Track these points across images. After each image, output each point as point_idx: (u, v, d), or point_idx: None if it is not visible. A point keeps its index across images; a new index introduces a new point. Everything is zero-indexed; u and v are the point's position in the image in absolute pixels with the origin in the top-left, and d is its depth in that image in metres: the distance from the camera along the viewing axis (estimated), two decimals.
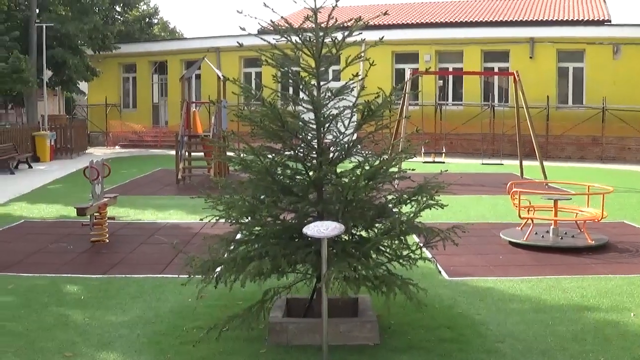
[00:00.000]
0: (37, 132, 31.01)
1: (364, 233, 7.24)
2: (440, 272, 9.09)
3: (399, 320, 7.60)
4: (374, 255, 7.04)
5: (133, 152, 35.73)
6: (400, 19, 38.00)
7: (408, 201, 7.16)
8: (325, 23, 6.97)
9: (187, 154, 23.29)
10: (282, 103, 7.58)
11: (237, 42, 8.82)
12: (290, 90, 8.08)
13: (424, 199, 7.08)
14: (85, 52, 38.01)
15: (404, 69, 34.48)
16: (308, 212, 7.11)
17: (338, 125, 7.29)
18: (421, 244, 7.31)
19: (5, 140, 27.38)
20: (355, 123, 7.22)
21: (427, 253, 9.18)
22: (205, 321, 7.59)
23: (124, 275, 10.10)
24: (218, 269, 7.03)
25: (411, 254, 7.12)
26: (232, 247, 7.11)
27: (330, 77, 7.67)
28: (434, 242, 7.17)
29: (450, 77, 34.99)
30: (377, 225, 7.10)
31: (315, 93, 7.17)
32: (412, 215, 7.06)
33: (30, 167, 28.04)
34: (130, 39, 44.86)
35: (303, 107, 7.23)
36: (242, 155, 7.12)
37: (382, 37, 7.16)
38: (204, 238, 7.72)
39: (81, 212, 12.07)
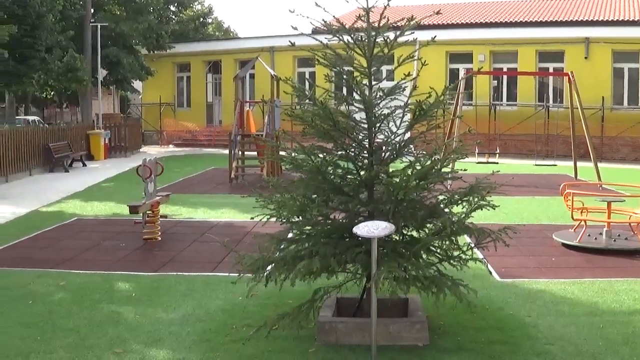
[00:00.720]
0: (92, 131, 31.45)
1: (414, 233, 7.21)
2: (491, 273, 8.99)
3: (449, 321, 7.56)
4: (424, 256, 7.02)
5: (186, 151, 36.05)
6: (455, 18, 37.71)
7: (459, 202, 7.11)
8: (377, 22, 6.95)
9: (240, 153, 23.43)
10: (335, 103, 7.58)
11: (290, 42, 8.85)
12: (344, 90, 8.05)
13: (476, 199, 7.02)
14: (139, 51, 38.46)
15: (458, 69, 34.30)
16: (359, 212, 7.11)
17: (390, 125, 7.27)
18: (472, 245, 7.25)
19: (60, 139, 27.80)
20: (407, 123, 7.18)
21: (478, 254, 9.12)
22: (255, 320, 7.63)
23: (175, 273, 10.20)
24: (268, 267, 7.06)
25: (462, 255, 7.07)
26: (282, 246, 7.13)
27: (384, 76, 7.67)
28: (485, 242, 7.11)
29: (505, 77, 34.66)
30: (428, 225, 7.06)
31: (367, 92, 7.16)
32: (463, 215, 7.02)
33: (84, 165, 28.47)
34: (185, 38, 45.26)
35: (355, 106, 7.22)
36: (293, 154, 7.14)
37: (435, 37, 7.12)
38: (254, 237, 7.77)
39: (134, 210, 12.23)
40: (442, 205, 7.06)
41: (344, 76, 7.28)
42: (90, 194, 19.83)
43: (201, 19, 51.93)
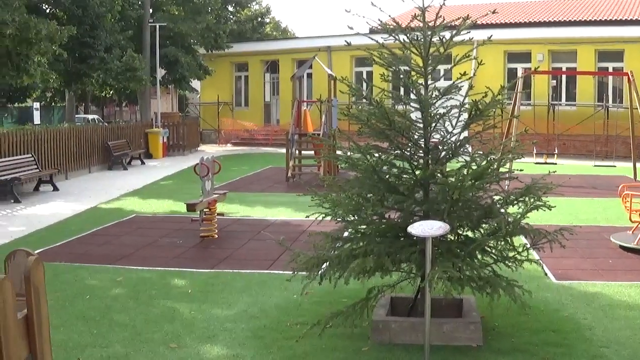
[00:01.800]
0: (150, 129, 31.84)
1: (470, 233, 7.18)
2: (547, 274, 8.89)
3: (503, 322, 7.51)
4: (479, 256, 6.98)
5: (244, 150, 36.28)
6: (513, 18, 37.34)
7: (515, 202, 7.06)
8: (433, 22, 6.94)
9: (297, 152, 23.52)
10: (393, 102, 7.57)
11: (346, 41, 8.87)
12: (401, 90, 8.03)
13: (532, 200, 6.96)
14: (198, 51, 38.84)
15: (516, 69, 33.96)
16: (414, 211, 7.10)
17: (446, 125, 7.25)
18: (528, 246, 7.19)
19: (119, 137, 28.22)
20: (463, 122, 7.16)
21: (535, 255, 9.05)
22: (309, 317, 7.66)
23: (231, 270, 10.29)
24: (323, 266, 7.09)
25: (517, 256, 7.02)
26: (337, 245, 7.15)
27: (442, 74, 7.66)
28: (540, 244, 7.04)
29: (564, 76, 34.20)
30: (483, 225, 7.02)
31: (422, 92, 7.15)
32: (519, 216, 6.96)
33: (143, 163, 28.86)
34: (243, 38, 45.58)
35: (412, 106, 7.21)
36: (348, 153, 7.16)
37: (491, 36, 7.08)
38: (309, 235, 7.81)
39: (191, 207, 12.36)
40: (497, 206, 7.01)
41: (400, 75, 7.27)
42: (148, 191, 20.10)
43: (259, 19, 52.26)
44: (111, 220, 14.83)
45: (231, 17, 46.27)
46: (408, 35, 7.07)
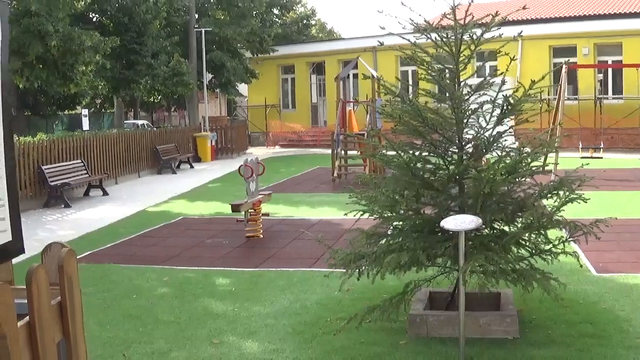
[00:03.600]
0: (198, 133, 32.24)
1: (506, 227, 7.24)
2: (582, 266, 8.86)
3: (541, 315, 7.55)
4: (514, 249, 7.04)
5: (292, 152, 36.53)
6: (558, 12, 37.06)
7: (549, 195, 7.11)
8: (463, 19, 7.02)
9: (342, 152, 23.66)
10: (434, 100, 7.66)
11: (378, 42, 8.98)
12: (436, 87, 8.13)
13: (566, 193, 7.01)
14: (244, 55, 39.21)
15: (561, 63, 33.73)
16: (448, 206, 7.19)
17: (479, 120, 7.32)
18: (565, 239, 7.21)
19: (168, 141, 28.64)
20: (496, 118, 7.22)
21: (577, 248, 9.08)
22: (349, 313, 7.74)
23: (274, 269, 10.45)
24: (360, 262, 7.21)
25: (553, 249, 7.07)
26: (373, 241, 7.27)
27: (487, 72, 7.75)
28: (576, 236, 7.07)
29: (610, 70, 33.83)
30: (518, 219, 7.08)
31: (455, 89, 7.24)
32: (553, 209, 7.01)
33: (191, 166, 29.25)
34: (288, 40, 45.88)
35: (445, 104, 7.30)
36: (383, 151, 7.29)
37: (521, 32, 7.14)
38: (347, 232, 7.94)
39: (236, 208, 12.57)
40: (531, 199, 7.06)
41: (433, 73, 7.36)
42: (196, 194, 20.41)
43: (304, 21, 52.53)
44: (159, 223, 15.12)
45: (277, 20, 46.55)
46: (439, 33, 7.15)
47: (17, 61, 19.67)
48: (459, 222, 6.29)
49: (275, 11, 45.15)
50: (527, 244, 7.04)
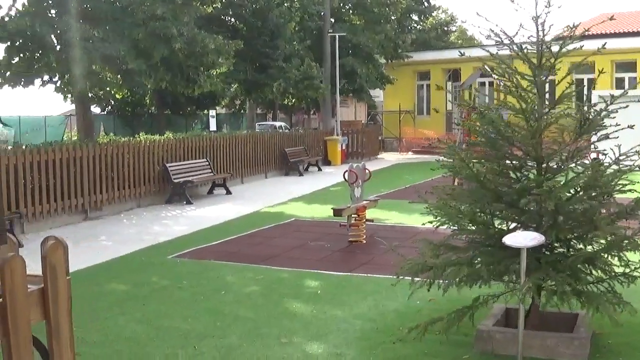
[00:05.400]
0: (329, 137, 32.58)
1: (581, 246, 7.04)
2: None
3: (617, 339, 7.26)
4: (589, 270, 6.85)
5: (424, 158, 36.30)
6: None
7: (627, 215, 6.87)
8: (543, 32, 6.90)
9: None
10: (512, 112, 7.55)
11: (459, 52, 8.89)
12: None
13: None
14: (378, 60, 39.37)
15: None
16: (519, 221, 7.07)
17: (564, 135, 7.16)
18: None
19: (297, 144, 29.09)
20: (575, 133, 7.04)
21: None
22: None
23: (364, 275, 10.51)
24: (429, 273, 7.19)
25: (634, 272, 6.83)
26: (441, 252, 7.24)
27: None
28: None
29: None
30: (590, 238, 6.88)
31: (535, 101, 7.11)
32: (637, 231, 6.77)
33: (319, 169, 29.60)
34: (427, 46, 45.74)
35: (521, 116, 7.18)
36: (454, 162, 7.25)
37: (605, 44, 6.92)
38: (415, 241, 7.94)
39: (338, 213, 12.71)
40: (606, 219, 6.84)
41: (513, 86, 7.25)
42: (315, 196, 20.68)
43: (443, 28, 52.23)
44: (270, 223, 15.44)
45: (415, 25, 46.50)
46: (520, 45, 7.06)
47: (143, 63, 20.49)
48: (521, 239, 6.19)
49: (415, 17, 45.10)
50: (601, 265, 6.82)
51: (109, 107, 42.29)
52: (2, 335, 2.92)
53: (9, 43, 20.22)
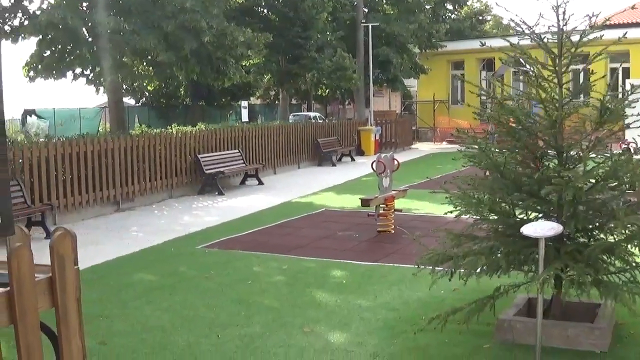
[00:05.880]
0: (363, 127, 32.59)
1: (602, 235, 7.02)
2: None
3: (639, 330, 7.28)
4: (609, 260, 6.83)
5: (457, 148, 36.19)
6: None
7: None
8: (564, 21, 6.88)
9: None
10: (534, 103, 7.56)
11: (480, 42, 8.87)
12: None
13: None
14: (412, 50, 39.28)
15: None
16: (538, 211, 7.07)
17: (585, 125, 7.13)
18: None
19: (330, 134, 29.14)
20: (595, 123, 7.01)
21: None
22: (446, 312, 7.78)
23: (390, 264, 10.55)
24: (449, 263, 7.22)
25: None
26: (461, 242, 7.26)
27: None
28: None
29: None
30: (610, 228, 6.85)
31: (557, 91, 7.09)
32: None
33: (352, 160, 29.62)
34: (461, 36, 45.54)
35: (542, 106, 7.17)
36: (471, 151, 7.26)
37: (625, 34, 6.89)
38: (432, 231, 7.99)
39: (365, 203, 12.76)
40: (626, 209, 6.80)
41: (532, 76, 7.25)
42: (346, 187, 20.73)
43: (478, 17, 51.93)
44: (300, 214, 15.53)
45: (449, 15, 46.30)
46: (540, 35, 7.04)
47: (173, 55, 20.69)
48: (539, 229, 6.20)
49: (449, 6, 44.90)
50: (622, 255, 6.79)
51: (143, 99, 42.67)
52: (11, 322, 3.04)
53: (40, 37, 20.49)
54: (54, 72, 21.29)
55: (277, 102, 48.77)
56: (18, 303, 3.01)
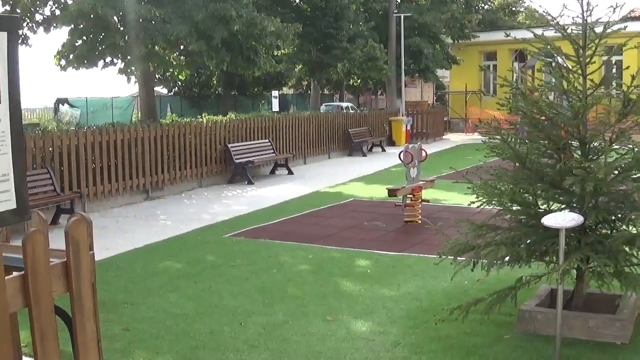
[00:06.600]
0: (394, 117, 32.56)
1: (624, 227, 6.99)
2: None
3: None
4: (629, 251, 6.80)
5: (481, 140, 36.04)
6: None
7: None
8: (589, 12, 6.85)
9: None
10: (556, 94, 7.53)
11: (505, 33, 8.85)
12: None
13: None
14: (445, 40, 39.12)
15: None
16: (560, 202, 7.06)
17: (610, 116, 7.11)
18: None
19: (361, 124, 29.15)
20: (618, 114, 6.98)
21: None
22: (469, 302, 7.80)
23: (416, 255, 10.57)
24: (470, 253, 7.23)
25: None
26: (484, 232, 7.26)
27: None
28: None
29: None
30: (635, 219, 6.82)
31: (580, 82, 7.06)
32: None
33: (383, 150, 29.62)
34: (495, 26, 45.26)
35: (565, 97, 7.15)
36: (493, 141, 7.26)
37: None
38: (455, 221, 8.00)
39: (392, 193, 12.80)
40: None
41: (557, 67, 7.23)
42: (376, 177, 20.77)
43: (511, 8, 51.57)
44: (328, 203, 15.58)
45: (482, 5, 46.03)
46: (564, 26, 7.02)
47: (204, 44, 20.79)
48: (560, 220, 6.20)
49: None
50: None
51: (176, 89, 42.91)
52: (25, 305, 3.13)
53: (72, 26, 20.67)
54: (86, 61, 21.50)
55: (309, 92, 48.87)
56: (32, 287, 3.10)
